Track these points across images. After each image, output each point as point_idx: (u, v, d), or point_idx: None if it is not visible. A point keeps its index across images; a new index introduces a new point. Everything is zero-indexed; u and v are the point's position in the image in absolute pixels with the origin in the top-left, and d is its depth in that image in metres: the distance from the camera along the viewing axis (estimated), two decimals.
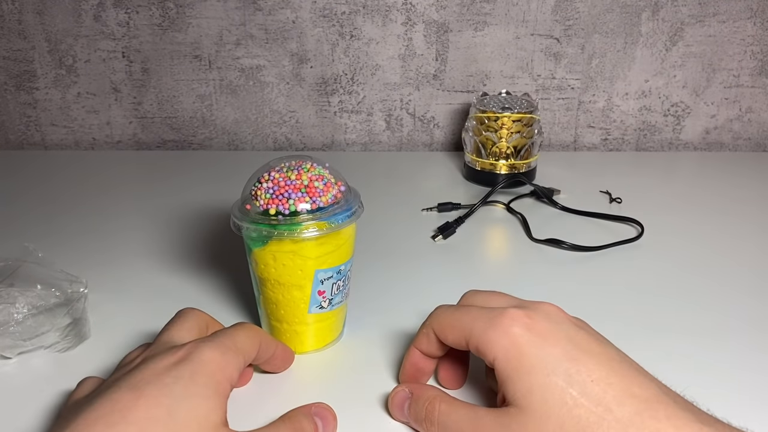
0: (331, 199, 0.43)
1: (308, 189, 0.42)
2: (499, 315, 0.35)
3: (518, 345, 0.34)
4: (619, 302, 0.53)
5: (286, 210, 0.42)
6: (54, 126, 0.92)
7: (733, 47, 0.87)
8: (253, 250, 0.44)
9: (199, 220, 0.69)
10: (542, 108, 0.90)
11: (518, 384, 0.33)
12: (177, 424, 0.31)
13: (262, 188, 0.43)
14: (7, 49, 0.87)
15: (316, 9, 0.85)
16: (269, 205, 0.42)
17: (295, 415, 0.37)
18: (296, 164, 0.44)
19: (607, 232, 0.65)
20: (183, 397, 0.32)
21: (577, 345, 0.34)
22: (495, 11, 0.85)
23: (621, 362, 0.34)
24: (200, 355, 0.34)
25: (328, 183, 0.44)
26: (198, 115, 0.91)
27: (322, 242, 0.43)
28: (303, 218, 0.42)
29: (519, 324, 0.34)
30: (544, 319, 0.35)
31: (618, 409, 0.31)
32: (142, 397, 0.32)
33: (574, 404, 0.32)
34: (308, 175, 0.43)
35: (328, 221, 0.42)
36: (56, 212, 0.71)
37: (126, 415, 0.31)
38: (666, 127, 0.91)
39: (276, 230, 0.42)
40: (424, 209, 0.71)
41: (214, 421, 0.33)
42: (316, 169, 0.44)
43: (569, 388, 0.32)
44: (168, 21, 0.86)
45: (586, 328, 0.36)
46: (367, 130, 0.92)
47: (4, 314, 0.45)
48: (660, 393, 0.32)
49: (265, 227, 0.42)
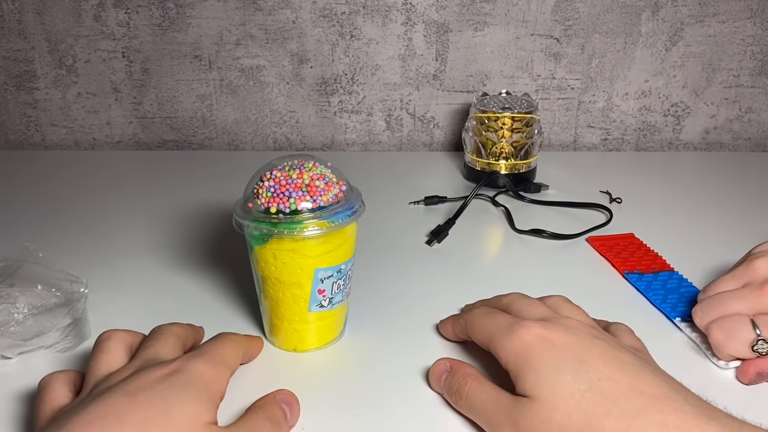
0: (332, 198, 0.43)
1: (309, 188, 0.42)
2: (516, 325, 0.38)
3: (529, 348, 0.36)
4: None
5: (287, 208, 0.42)
6: (54, 126, 0.92)
7: (733, 47, 0.87)
8: (254, 249, 0.44)
9: (199, 220, 0.69)
10: (542, 108, 0.90)
11: (528, 379, 0.35)
12: (170, 424, 0.32)
13: (264, 187, 0.43)
14: (7, 49, 0.87)
15: (316, 9, 0.85)
16: (270, 203, 0.42)
17: (265, 404, 0.38)
18: (298, 163, 0.44)
19: (580, 220, 0.66)
20: (177, 401, 0.33)
21: (588, 351, 0.35)
22: (495, 11, 0.85)
23: (633, 365, 0.34)
24: (192, 368, 0.36)
25: (330, 182, 0.44)
26: (198, 115, 0.91)
27: (322, 241, 0.43)
28: (304, 217, 0.42)
29: (533, 334, 0.37)
30: (560, 330, 0.37)
31: (625, 403, 0.32)
32: (137, 402, 0.33)
33: (581, 397, 0.33)
34: (310, 174, 0.43)
35: (328, 220, 0.42)
36: (56, 212, 0.70)
37: (121, 418, 0.32)
38: (666, 127, 0.92)
39: (276, 228, 0.42)
40: (411, 202, 0.73)
41: (205, 420, 0.34)
42: (317, 168, 0.44)
43: (577, 383, 0.33)
44: (168, 21, 0.86)
45: (606, 339, 0.37)
46: (367, 130, 0.92)
47: (4, 314, 0.45)
48: (670, 391, 0.33)
49: (265, 225, 0.42)
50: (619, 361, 0.34)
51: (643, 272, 0.56)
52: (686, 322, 0.49)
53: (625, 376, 0.33)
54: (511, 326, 0.38)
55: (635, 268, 0.57)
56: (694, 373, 0.33)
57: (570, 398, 0.33)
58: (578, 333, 0.37)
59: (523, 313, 0.41)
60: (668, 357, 0.40)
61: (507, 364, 0.37)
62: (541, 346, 0.36)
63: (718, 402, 0.33)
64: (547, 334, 0.36)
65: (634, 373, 0.34)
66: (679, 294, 0.53)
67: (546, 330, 0.37)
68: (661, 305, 0.52)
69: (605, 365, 0.34)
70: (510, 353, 0.37)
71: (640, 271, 0.57)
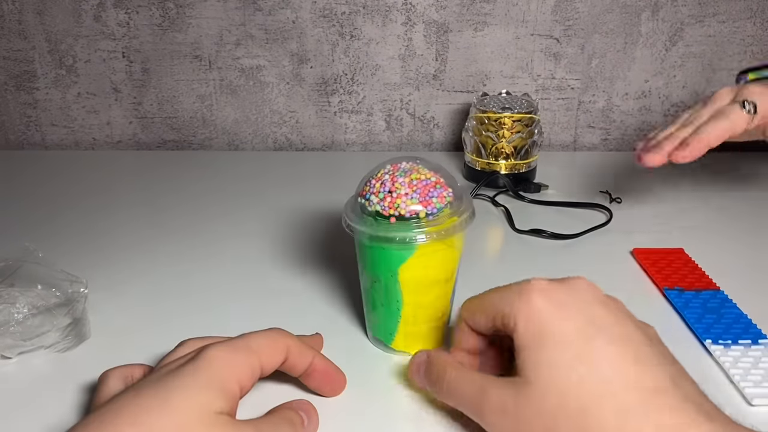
0: (451, 193, 0.43)
1: (437, 183, 0.42)
2: (524, 285, 0.35)
3: (538, 315, 0.34)
4: None
5: (434, 209, 0.41)
6: (54, 126, 0.92)
7: (733, 47, 0.87)
8: (404, 262, 0.42)
9: (199, 220, 0.69)
10: (542, 108, 0.90)
11: (530, 356, 0.33)
12: (172, 411, 0.31)
13: (401, 195, 0.41)
14: (7, 49, 0.87)
15: (316, 9, 0.85)
16: (415, 207, 0.41)
17: (282, 409, 0.38)
18: (410, 166, 0.43)
19: (580, 220, 0.67)
20: (180, 387, 0.32)
21: (594, 323, 0.33)
22: (495, 11, 0.85)
23: (636, 345, 0.33)
24: (206, 354, 0.34)
25: (444, 177, 0.44)
26: (198, 115, 0.91)
27: (460, 235, 0.43)
28: (447, 212, 0.42)
29: (542, 294, 0.34)
30: (568, 292, 0.35)
31: (623, 395, 0.31)
32: (140, 395, 0.32)
33: (579, 381, 0.31)
34: (424, 173, 0.42)
35: (463, 213, 0.43)
36: (56, 212, 0.71)
37: (121, 411, 0.31)
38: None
39: (434, 231, 0.41)
40: None
41: (215, 409, 0.32)
42: (425, 166, 0.44)
43: (579, 365, 0.32)
44: (168, 21, 0.86)
45: (611, 307, 0.35)
46: (367, 130, 0.92)
47: (4, 314, 0.45)
48: (671, 384, 0.31)
49: (423, 231, 0.41)
50: (623, 340, 0.33)
51: (684, 289, 0.54)
52: (717, 344, 0.46)
53: (626, 362, 0.32)
54: (517, 287, 0.35)
55: (676, 285, 0.54)
56: (718, 404, 0.32)
57: (568, 383, 0.32)
58: (585, 298, 0.35)
59: None
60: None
61: (515, 328, 0.34)
62: (549, 313, 0.33)
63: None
64: (555, 294, 0.34)
65: (637, 356, 0.32)
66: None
67: (554, 290, 0.35)
68: (695, 325, 0.49)
69: (607, 344, 0.32)
70: (520, 316, 0.34)
71: (681, 287, 0.54)
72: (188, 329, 0.44)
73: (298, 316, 0.51)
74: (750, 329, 0.48)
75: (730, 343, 0.46)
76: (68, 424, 0.39)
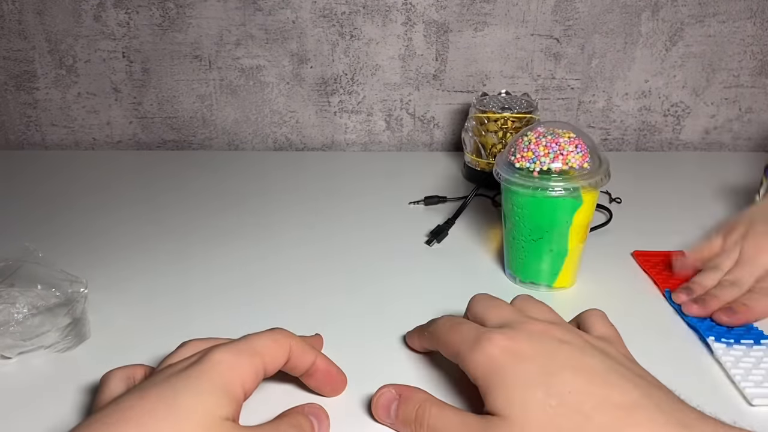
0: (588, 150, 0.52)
1: (577, 142, 0.51)
2: (483, 337, 0.36)
3: (496, 364, 0.35)
4: None
5: (582, 163, 0.50)
6: (54, 126, 0.92)
7: (733, 47, 0.87)
8: (578, 209, 0.51)
9: (198, 220, 0.69)
10: (542, 108, 0.90)
11: (498, 397, 0.34)
12: (178, 416, 0.31)
13: (570, 153, 0.50)
14: (7, 49, 0.87)
15: (316, 9, 0.85)
16: (582, 161, 0.50)
17: (292, 413, 0.37)
18: (553, 130, 0.52)
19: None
20: (186, 391, 0.32)
21: (555, 360, 0.34)
22: (495, 11, 0.85)
23: (602, 372, 0.34)
24: (210, 357, 0.34)
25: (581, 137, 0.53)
26: (198, 115, 0.91)
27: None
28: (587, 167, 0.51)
29: (499, 346, 0.35)
30: (526, 339, 0.36)
31: (597, 417, 0.31)
32: (145, 397, 0.32)
33: (554, 413, 0.32)
34: (569, 133, 0.51)
35: (604, 166, 0.52)
36: (56, 212, 0.71)
37: (126, 414, 0.31)
38: (666, 127, 0.92)
39: (594, 181, 0.50)
40: (411, 202, 0.72)
41: (219, 415, 0.32)
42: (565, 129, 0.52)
43: (548, 399, 0.33)
44: (168, 21, 0.86)
45: (573, 342, 0.36)
46: (367, 130, 0.92)
47: (4, 314, 0.45)
48: (642, 397, 0.32)
49: (589, 181, 0.50)
50: (587, 370, 0.34)
51: None
52: (720, 342, 0.47)
53: (594, 386, 0.33)
54: (476, 340, 0.36)
55: (677, 287, 0.54)
56: (718, 404, 0.31)
57: (543, 415, 0.32)
58: (544, 339, 0.36)
59: (487, 315, 0.40)
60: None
61: (476, 380, 0.36)
62: (508, 360, 0.34)
63: None
64: (513, 345, 0.35)
65: (604, 380, 0.33)
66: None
67: (511, 341, 0.35)
68: (698, 324, 0.49)
69: (574, 376, 0.33)
70: (478, 369, 0.35)
71: None
72: (188, 329, 0.44)
73: (298, 316, 0.51)
74: (751, 330, 0.48)
75: (733, 342, 0.47)
76: (68, 424, 0.39)
